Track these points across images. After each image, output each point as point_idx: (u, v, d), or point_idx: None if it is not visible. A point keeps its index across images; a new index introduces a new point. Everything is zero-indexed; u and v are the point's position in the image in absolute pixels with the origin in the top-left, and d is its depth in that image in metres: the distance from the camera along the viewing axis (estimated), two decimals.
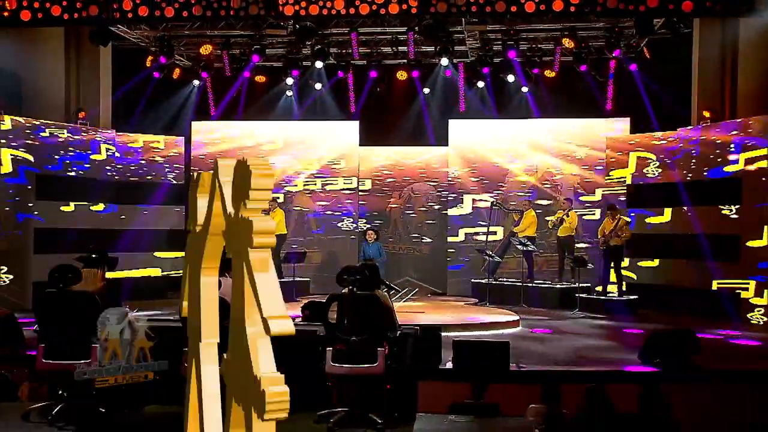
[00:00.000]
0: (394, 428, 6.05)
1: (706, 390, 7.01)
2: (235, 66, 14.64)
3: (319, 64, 14.36)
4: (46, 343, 6.19)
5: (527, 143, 14.95)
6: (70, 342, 6.06)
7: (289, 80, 15.12)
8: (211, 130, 15.58)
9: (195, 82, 15.43)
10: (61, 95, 13.56)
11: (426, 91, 15.50)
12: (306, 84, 15.46)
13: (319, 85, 15.41)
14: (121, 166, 13.89)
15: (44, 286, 6.38)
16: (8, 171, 11.90)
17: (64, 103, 13.61)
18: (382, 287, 6.95)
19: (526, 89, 14.73)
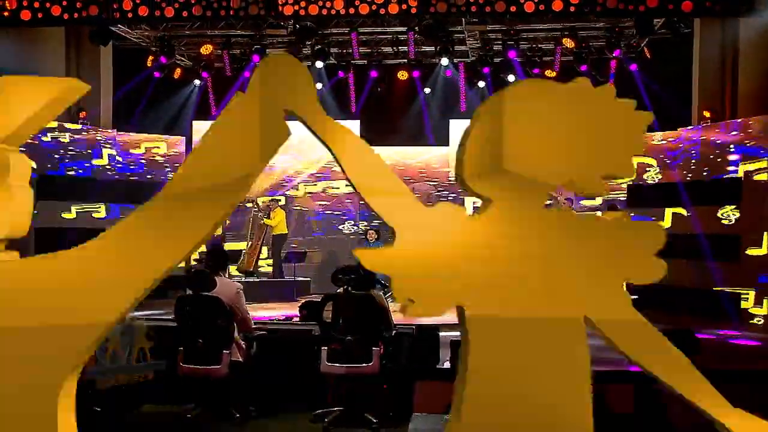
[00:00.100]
0: (389, 428, 6.07)
1: None
2: (235, 66, 14.65)
3: (320, 64, 14.36)
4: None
5: None
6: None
7: None
8: None
9: (196, 81, 15.45)
10: None
11: (426, 91, 15.49)
12: None
13: (319, 85, 15.39)
14: (122, 166, 13.91)
15: None
16: None
17: None
18: (378, 287, 6.96)
19: None
